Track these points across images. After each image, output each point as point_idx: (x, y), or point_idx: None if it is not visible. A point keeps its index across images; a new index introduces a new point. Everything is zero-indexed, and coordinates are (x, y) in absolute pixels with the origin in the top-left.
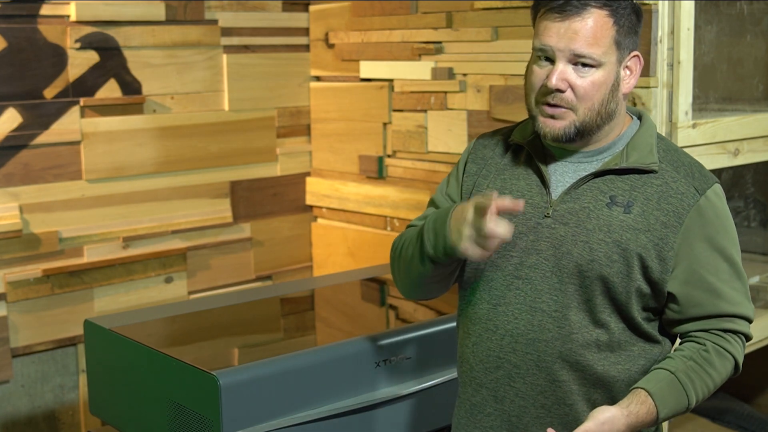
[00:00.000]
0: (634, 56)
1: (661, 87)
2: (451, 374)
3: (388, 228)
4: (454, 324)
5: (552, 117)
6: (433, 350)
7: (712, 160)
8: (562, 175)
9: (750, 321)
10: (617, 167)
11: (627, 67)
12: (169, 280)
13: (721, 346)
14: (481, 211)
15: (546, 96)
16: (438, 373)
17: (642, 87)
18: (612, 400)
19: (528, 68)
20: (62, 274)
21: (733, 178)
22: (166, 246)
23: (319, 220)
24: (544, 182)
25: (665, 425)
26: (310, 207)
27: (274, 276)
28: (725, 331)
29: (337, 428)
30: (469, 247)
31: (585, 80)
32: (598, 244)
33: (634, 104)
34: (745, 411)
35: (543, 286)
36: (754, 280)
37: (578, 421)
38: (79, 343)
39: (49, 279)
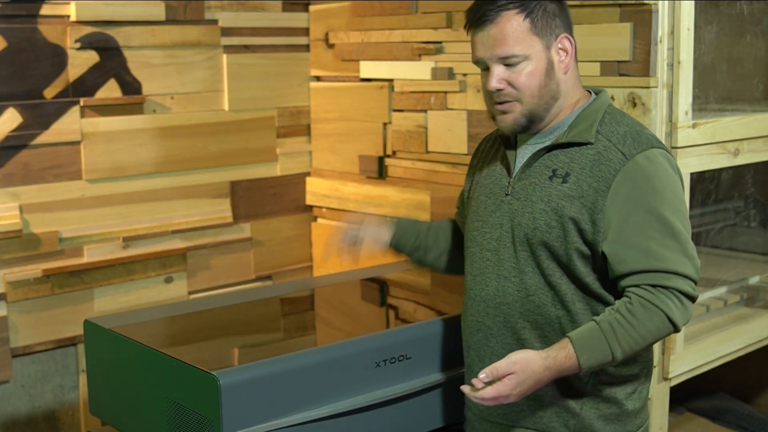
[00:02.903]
0: (562, 37)
1: (661, 87)
2: (451, 374)
3: None
4: (453, 324)
5: (503, 113)
6: (433, 350)
7: (712, 160)
8: (523, 157)
9: (689, 278)
10: (558, 142)
11: (560, 49)
12: (169, 280)
13: (646, 299)
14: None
15: (493, 97)
16: (438, 373)
17: (642, 87)
18: None
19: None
20: (62, 274)
21: (733, 178)
22: (166, 246)
23: (320, 220)
24: (508, 166)
25: (665, 425)
26: (310, 207)
27: (274, 276)
28: (654, 286)
29: (337, 428)
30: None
31: (519, 74)
32: (540, 214)
33: (634, 104)
34: (745, 411)
35: (505, 255)
36: (754, 279)
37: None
38: (79, 343)
39: (49, 279)
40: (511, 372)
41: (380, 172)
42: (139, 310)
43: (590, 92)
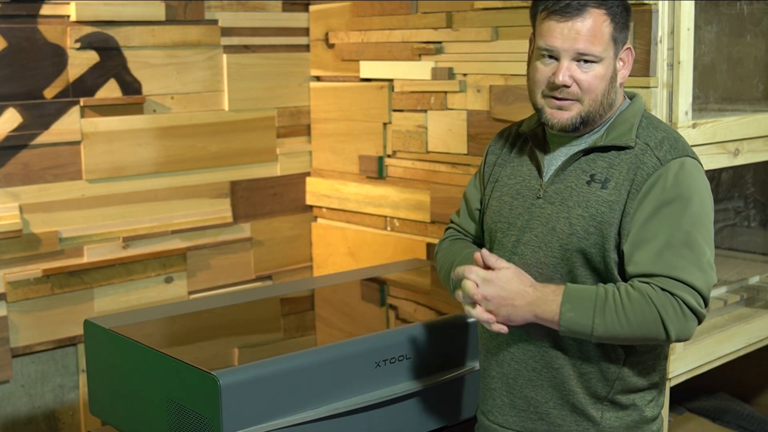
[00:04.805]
0: (626, 49)
1: (661, 87)
2: (450, 374)
3: (388, 228)
4: (453, 324)
5: (559, 108)
6: (432, 350)
7: (712, 160)
8: (556, 159)
9: (697, 291)
10: (596, 145)
11: (620, 59)
12: (169, 280)
13: (648, 295)
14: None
15: (553, 91)
16: (438, 373)
17: (642, 87)
18: (599, 370)
19: (531, 65)
20: (62, 274)
21: (733, 178)
22: (166, 246)
23: (319, 220)
24: (539, 167)
25: (665, 425)
26: (310, 207)
27: (274, 276)
28: (662, 289)
29: (336, 428)
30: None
31: (588, 75)
32: (577, 219)
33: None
34: (746, 411)
35: (532, 260)
36: (754, 279)
37: (565, 384)
38: (79, 343)
39: (49, 279)
40: (485, 280)
41: (380, 172)
42: (139, 310)
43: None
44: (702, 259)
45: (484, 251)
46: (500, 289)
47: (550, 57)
